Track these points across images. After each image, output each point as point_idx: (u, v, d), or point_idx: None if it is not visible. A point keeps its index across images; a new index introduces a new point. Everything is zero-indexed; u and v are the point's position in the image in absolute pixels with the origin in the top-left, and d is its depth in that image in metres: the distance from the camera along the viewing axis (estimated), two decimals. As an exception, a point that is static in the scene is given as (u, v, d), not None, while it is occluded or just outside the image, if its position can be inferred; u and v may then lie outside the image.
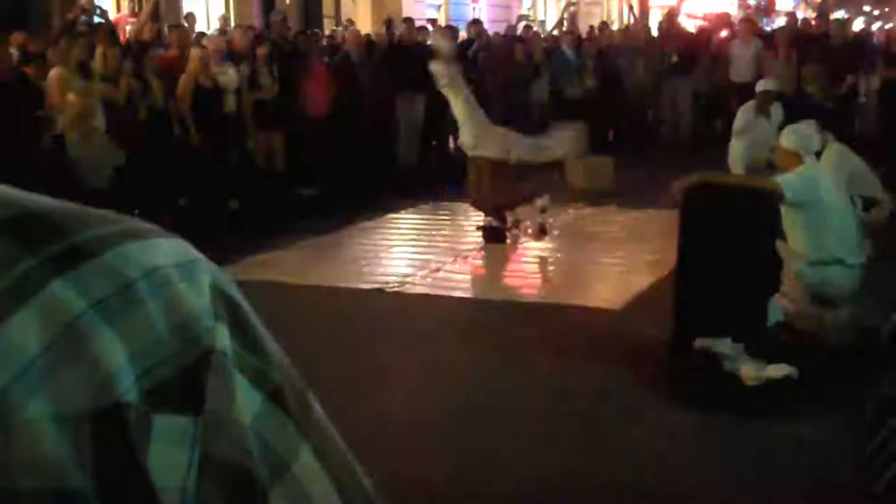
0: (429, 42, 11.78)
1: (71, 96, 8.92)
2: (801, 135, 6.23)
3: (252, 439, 0.56)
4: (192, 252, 0.59)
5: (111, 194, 8.96)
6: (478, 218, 9.48)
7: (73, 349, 0.51)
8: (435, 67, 9.24)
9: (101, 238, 0.56)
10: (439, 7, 22.10)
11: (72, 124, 8.94)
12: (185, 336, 0.55)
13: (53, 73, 9.07)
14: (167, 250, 0.58)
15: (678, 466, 4.63)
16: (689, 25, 20.56)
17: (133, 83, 9.67)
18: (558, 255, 9.10)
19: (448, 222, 10.37)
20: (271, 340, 0.62)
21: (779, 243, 5.84)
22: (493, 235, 9.14)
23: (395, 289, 7.75)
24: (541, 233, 9.05)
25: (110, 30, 11.41)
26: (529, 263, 8.86)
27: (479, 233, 9.30)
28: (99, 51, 9.65)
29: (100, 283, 0.53)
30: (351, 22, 15.38)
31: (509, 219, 9.20)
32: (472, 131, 9.03)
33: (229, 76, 10.68)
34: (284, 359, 0.62)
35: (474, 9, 23.06)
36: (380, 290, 7.70)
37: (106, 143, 9.13)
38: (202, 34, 12.66)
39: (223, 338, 0.56)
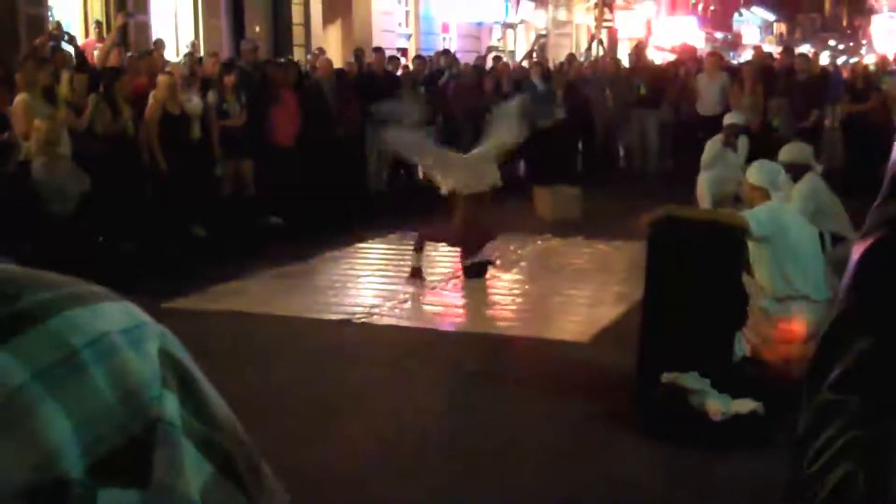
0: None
1: (37, 122, 8.86)
2: (767, 170, 6.28)
3: None
4: (139, 316, 0.58)
5: (76, 221, 8.90)
6: (445, 249, 9.48)
7: (14, 422, 0.50)
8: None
9: (46, 304, 0.54)
10: (409, 37, 22.20)
11: (38, 150, 8.87)
12: (132, 406, 0.53)
13: (19, 98, 9.01)
14: (113, 315, 0.56)
15: (645, 501, 4.62)
16: (658, 58, 20.77)
17: (101, 109, 9.62)
18: (526, 286, 9.10)
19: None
20: (222, 405, 0.60)
21: (745, 278, 5.86)
22: (475, 271, 9.02)
23: (363, 319, 7.71)
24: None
25: (79, 55, 11.37)
26: (497, 295, 8.84)
27: (451, 266, 9.27)
28: (65, 76, 9.59)
29: (43, 352, 0.52)
30: (321, 50, 15.38)
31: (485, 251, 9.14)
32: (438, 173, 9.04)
33: (194, 103, 10.66)
34: (237, 425, 0.60)
35: (444, 39, 23.17)
36: (347, 321, 7.66)
37: (72, 169, 9.06)
38: (167, 61, 12.63)
39: (171, 406, 0.55)
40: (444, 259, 9.59)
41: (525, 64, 17.81)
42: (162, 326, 0.59)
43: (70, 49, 11.46)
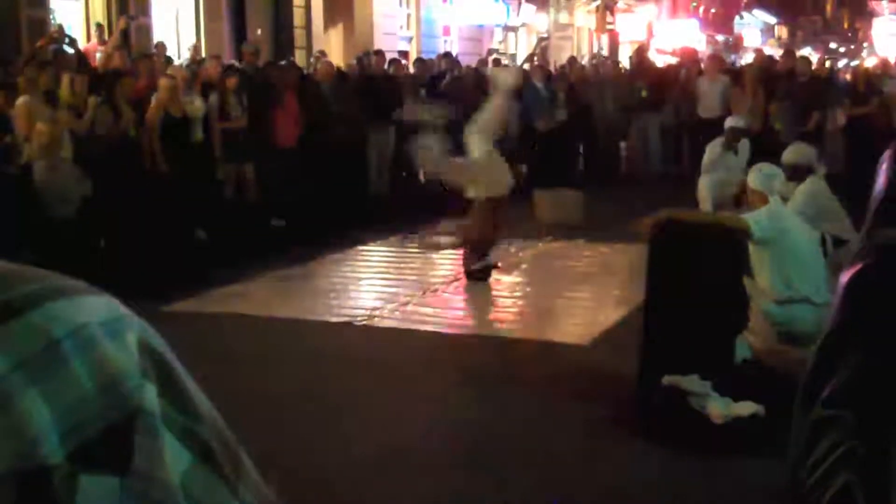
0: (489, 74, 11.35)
1: (39, 125, 8.86)
2: (765, 174, 6.28)
3: (181, 498, 0.55)
4: (119, 309, 0.59)
5: (78, 224, 8.90)
6: (447, 252, 9.48)
7: None
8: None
9: (27, 296, 0.55)
10: (410, 40, 22.21)
11: (39, 153, 8.87)
12: (112, 395, 0.54)
13: (20, 101, 9.01)
14: (93, 307, 0.57)
15: (645, 503, 4.62)
16: (659, 61, 20.78)
17: (103, 112, 9.62)
18: (527, 289, 9.11)
19: (417, 255, 10.35)
20: (201, 396, 0.61)
21: (746, 281, 5.86)
22: (480, 274, 8.99)
23: (364, 322, 7.72)
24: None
25: (80, 58, 11.37)
26: (498, 297, 8.85)
27: (452, 268, 9.26)
28: (66, 79, 9.59)
29: (24, 343, 0.53)
30: (322, 53, 15.39)
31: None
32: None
33: (196, 106, 10.66)
34: (215, 414, 0.61)
35: (445, 42, 23.19)
36: (348, 324, 7.67)
37: (73, 172, 9.06)
38: (168, 62, 12.63)
39: (151, 396, 0.56)
40: (445, 261, 9.59)
41: (526, 66, 17.79)
42: (142, 320, 0.60)
43: (71, 52, 11.46)
